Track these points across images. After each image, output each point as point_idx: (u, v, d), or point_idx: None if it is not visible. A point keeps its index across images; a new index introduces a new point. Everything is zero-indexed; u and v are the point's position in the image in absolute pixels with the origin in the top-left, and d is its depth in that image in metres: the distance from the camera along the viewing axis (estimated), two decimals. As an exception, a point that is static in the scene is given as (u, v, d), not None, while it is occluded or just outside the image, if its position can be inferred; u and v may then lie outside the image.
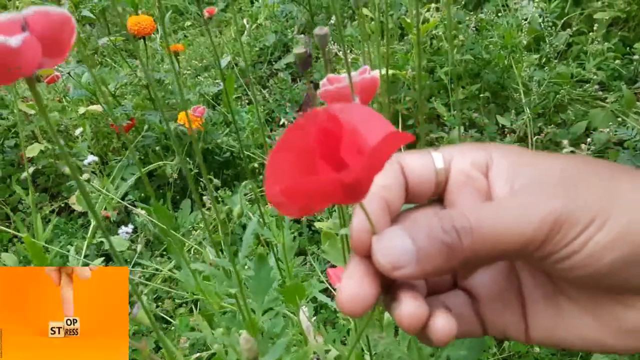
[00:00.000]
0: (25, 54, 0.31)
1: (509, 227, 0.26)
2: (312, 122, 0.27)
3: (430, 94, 1.59)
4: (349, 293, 0.28)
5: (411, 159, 0.33)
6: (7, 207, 1.65)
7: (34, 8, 0.33)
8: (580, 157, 0.31)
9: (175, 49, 1.59)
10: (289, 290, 0.58)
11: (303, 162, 0.27)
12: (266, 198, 0.27)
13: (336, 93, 0.45)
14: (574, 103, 1.57)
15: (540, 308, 0.30)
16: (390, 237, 0.28)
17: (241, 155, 1.55)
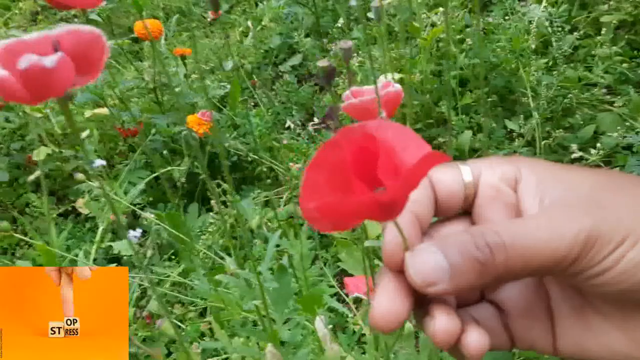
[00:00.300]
0: (60, 74, 0.31)
1: (542, 244, 0.27)
2: (347, 139, 0.27)
3: (437, 98, 1.59)
4: (382, 309, 0.28)
5: (440, 173, 0.33)
6: (14, 210, 1.65)
7: (66, 27, 0.33)
8: (608, 172, 0.31)
9: (182, 52, 1.59)
10: (307, 300, 0.58)
11: (338, 179, 0.27)
12: (301, 214, 0.28)
13: (361, 107, 0.45)
14: (581, 107, 1.56)
15: (569, 321, 0.31)
16: (424, 253, 0.28)
17: (248, 158, 1.55)
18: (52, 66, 0.30)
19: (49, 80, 0.31)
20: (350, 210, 0.26)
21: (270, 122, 1.65)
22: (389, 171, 0.27)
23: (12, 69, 0.31)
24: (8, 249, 1.50)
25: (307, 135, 1.86)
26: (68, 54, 0.32)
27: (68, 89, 0.32)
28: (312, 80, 2.20)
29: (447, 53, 1.55)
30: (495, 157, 0.34)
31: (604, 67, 1.57)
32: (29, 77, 0.30)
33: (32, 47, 0.33)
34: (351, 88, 0.46)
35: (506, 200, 0.32)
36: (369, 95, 0.46)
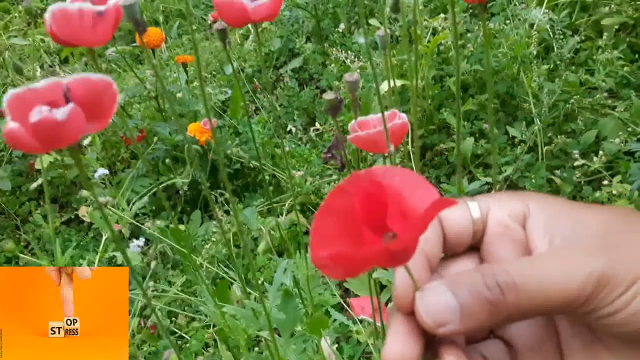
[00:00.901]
0: (70, 125, 0.31)
1: (554, 284, 0.27)
2: (355, 186, 0.28)
3: (439, 104, 1.59)
4: (395, 354, 0.28)
5: (449, 209, 0.33)
6: (17, 218, 1.65)
7: (76, 75, 0.33)
8: (618, 210, 0.31)
9: (184, 59, 1.58)
10: (314, 323, 0.59)
11: (347, 227, 0.28)
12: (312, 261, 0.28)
13: (367, 138, 0.45)
14: (583, 111, 1.56)
15: (579, 357, 0.31)
16: (434, 293, 0.28)
17: (251, 165, 1.55)
18: (63, 119, 0.30)
19: (60, 132, 0.31)
20: (362, 259, 0.26)
21: (272, 130, 1.65)
22: (398, 218, 0.28)
23: (22, 120, 0.31)
24: (12, 258, 1.51)
25: (309, 140, 1.86)
26: (78, 102, 0.32)
27: (78, 137, 0.33)
28: (313, 84, 2.19)
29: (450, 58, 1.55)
30: (503, 193, 0.35)
31: (606, 71, 1.57)
32: (40, 129, 0.31)
33: (43, 95, 0.33)
34: (358, 119, 0.46)
35: (515, 237, 0.32)
36: (374, 125, 0.46)
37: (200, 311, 1.20)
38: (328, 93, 0.44)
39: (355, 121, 0.46)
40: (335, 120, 0.44)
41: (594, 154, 1.39)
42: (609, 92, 1.62)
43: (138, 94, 1.66)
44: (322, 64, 2.20)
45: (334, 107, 0.44)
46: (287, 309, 0.53)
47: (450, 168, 1.54)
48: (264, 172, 1.50)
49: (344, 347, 1.16)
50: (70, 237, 1.51)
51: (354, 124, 0.46)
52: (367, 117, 0.47)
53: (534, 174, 1.37)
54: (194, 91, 1.69)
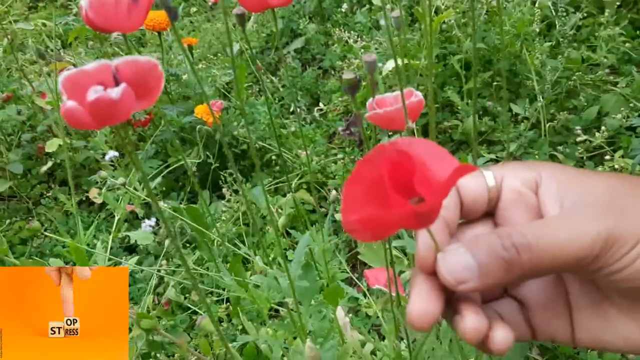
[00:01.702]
0: (123, 104, 0.34)
1: (565, 244, 0.29)
2: (381, 156, 0.30)
3: (443, 82, 1.60)
4: (419, 309, 0.31)
5: (465, 178, 0.35)
6: (29, 201, 1.68)
7: (124, 58, 0.35)
8: (625, 177, 0.34)
9: (189, 42, 1.60)
10: (330, 293, 0.62)
11: (375, 193, 0.30)
12: (342, 225, 0.30)
13: (385, 116, 0.47)
14: (585, 88, 1.58)
15: (587, 314, 0.33)
16: (454, 254, 0.30)
17: (257, 146, 1.57)
18: (117, 97, 0.33)
19: (114, 109, 0.34)
20: (391, 221, 0.29)
21: (277, 110, 1.67)
22: (423, 184, 0.30)
23: (79, 99, 0.34)
24: (26, 240, 1.54)
25: (313, 120, 1.88)
26: (127, 83, 0.35)
27: (129, 115, 0.35)
28: (316, 64, 2.21)
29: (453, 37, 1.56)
30: (517, 163, 0.37)
31: (607, 47, 1.59)
32: (96, 107, 0.33)
33: (93, 77, 0.35)
34: (376, 97, 0.49)
35: (528, 203, 0.34)
36: (391, 103, 0.48)
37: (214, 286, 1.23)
38: (347, 72, 0.46)
39: (373, 99, 0.49)
40: (355, 99, 0.47)
41: (596, 129, 1.42)
42: (611, 68, 1.64)
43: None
44: (325, 44, 2.21)
45: (353, 86, 0.46)
46: (307, 278, 0.56)
47: (454, 146, 1.56)
48: (270, 151, 1.52)
49: (353, 320, 1.20)
50: (82, 218, 1.54)
51: (371, 102, 0.49)
52: (383, 95, 0.50)
53: (537, 150, 1.39)
54: (198, 73, 1.70)
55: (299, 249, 0.59)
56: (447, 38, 1.65)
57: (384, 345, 0.71)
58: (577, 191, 0.32)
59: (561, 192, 0.33)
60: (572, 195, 0.32)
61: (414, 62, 1.53)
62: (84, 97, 0.33)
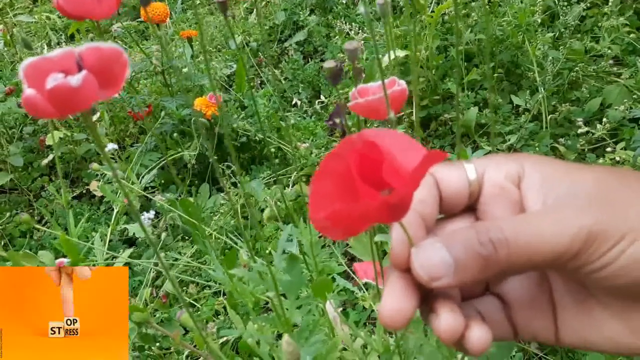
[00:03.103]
0: (84, 91, 0.33)
1: (544, 240, 0.28)
2: (348, 149, 0.29)
3: (443, 74, 1.59)
4: (391, 308, 0.30)
5: (445, 171, 0.34)
6: (30, 193, 1.69)
7: (87, 44, 0.35)
8: (612, 170, 0.32)
9: (189, 34, 1.59)
10: (318, 287, 0.61)
11: (343, 188, 0.29)
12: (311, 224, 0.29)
13: (367, 106, 0.46)
14: (588, 79, 1.56)
15: (571, 313, 0.32)
16: (429, 249, 0.29)
17: (257, 138, 1.57)
18: (77, 85, 0.32)
19: (75, 97, 0.33)
20: (360, 215, 0.28)
21: (277, 103, 1.66)
22: (392, 175, 0.29)
23: (38, 87, 0.33)
24: (26, 232, 1.54)
25: (314, 113, 1.87)
26: (91, 70, 0.34)
27: (92, 103, 0.35)
28: (318, 57, 2.19)
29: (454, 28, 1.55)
30: (500, 155, 0.35)
31: (611, 38, 1.56)
32: (56, 95, 0.33)
33: (57, 64, 0.35)
34: (359, 86, 0.48)
35: (510, 198, 0.33)
36: (374, 93, 0.47)
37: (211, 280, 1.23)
38: (328, 62, 0.45)
39: (356, 89, 0.48)
40: (337, 88, 0.46)
41: (598, 122, 1.40)
42: (615, 59, 1.62)
43: (144, 69, 1.67)
44: (327, 36, 2.20)
45: (335, 75, 0.46)
46: (292, 272, 0.56)
47: (455, 138, 1.55)
48: (269, 144, 1.52)
49: (350, 313, 1.19)
50: (82, 211, 1.55)
51: (354, 92, 0.48)
52: (367, 84, 0.49)
53: (538, 142, 1.38)
54: (199, 66, 1.70)
55: (281, 241, 0.58)
56: (448, 29, 1.64)
57: (373, 339, 0.71)
58: (562, 185, 0.31)
59: (545, 186, 0.32)
60: (556, 189, 0.31)
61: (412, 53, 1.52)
62: (45, 85, 0.33)
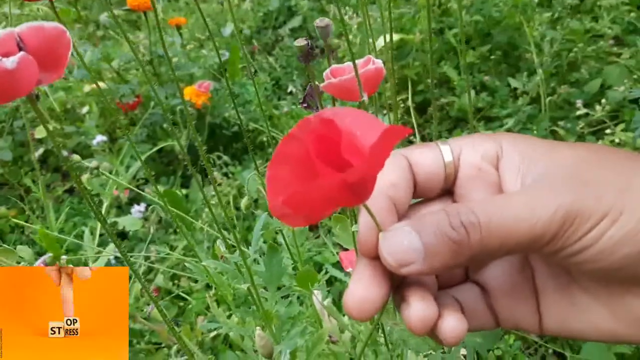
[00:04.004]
0: (22, 74, 0.30)
1: (518, 222, 0.26)
2: (306, 130, 0.26)
3: (439, 57, 1.55)
4: (356, 298, 0.28)
5: (419, 153, 0.32)
6: (20, 188, 1.66)
7: (28, 24, 0.32)
8: (594, 147, 0.30)
9: (177, 22, 1.56)
10: (302, 277, 0.58)
11: (302, 171, 0.27)
12: (270, 211, 0.27)
13: (340, 85, 0.44)
14: (587, 60, 1.53)
15: (554, 299, 0.30)
16: (397, 234, 0.27)
17: (248, 128, 1.54)
18: (13, 67, 0.29)
19: (12, 81, 0.30)
20: (320, 196, 0.25)
21: (269, 91, 1.63)
22: (353, 153, 0.27)
23: (-26, 71, 0.30)
24: (16, 228, 1.52)
25: (309, 100, 1.84)
26: (32, 52, 0.31)
27: (34, 87, 0.32)
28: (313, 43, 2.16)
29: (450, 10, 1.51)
30: (477, 135, 0.33)
31: (610, 17, 1.52)
32: (-9, 79, 0.30)
33: (-4, 46, 0.32)
34: (331, 67, 0.45)
35: (488, 179, 0.31)
36: (349, 72, 0.44)
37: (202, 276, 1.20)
38: (299, 40, 0.42)
39: (329, 69, 0.45)
40: (309, 67, 0.43)
41: (598, 103, 1.37)
42: (615, 39, 1.58)
43: (133, 59, 1.64)
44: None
45: (305, 54, 0.43)
46: (271, 262, 0.53)
47: (451, 123, 1.52)
48: (262, 133, 1.49)
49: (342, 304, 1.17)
50: (73, 206, 1.52)
51: (327, 72, 0.45)
52: (342, 64, 0.46)
53: (536, 126, 1.35)
54: (189, 54, 1.67)
55: (256, 229, 0.55)
56: (444, 11, 1.60)
57: (360, 330, 0.68)
58: (541, 164, 0.29)
59: (523, 166, 0.30)
60: (535, 169, 0.29)
61: (408, 37, 1.48)
62: (-22, 69, 0.30)
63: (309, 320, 0.64)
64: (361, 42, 1.72)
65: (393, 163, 0.31)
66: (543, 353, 1.05)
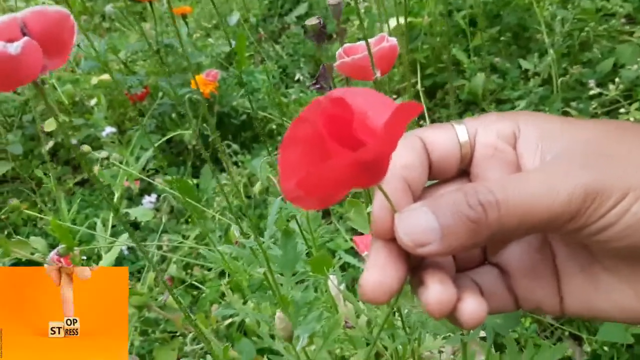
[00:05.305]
0: (27, 60, 0.29)
1: (537, 200, 0.25)
2: (316, 111, 0.26)
3: (448, 40, 1.53)
4: (372, 281, 0.27)
5: (433, 133, 0.31)
6: (31, 182, 1.67)
7: (31, 9, 0.31)
8: (614, 123, 0.29)
9: (182, 11, 1.55)
10: (317, 262, 0.58)
11: (314, 153, 0.26)
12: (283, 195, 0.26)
13: (354, 65, 0.43)
14: (599, 40, 1.50)
15: (576, 280, 0.29)
16: (413, 214, 0.27)
17: (258, 116, 1.53)
18: (17, 53, 0.29)
19: (17, 67, 0.30)
20: (333, 177, 0.25)
21: (277, 78, 1.62)
22: (365, 132, 0.26)
23: (-22, 58, 0.30)
24: (28, 221, 1.53)
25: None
26: (36, 37, 0.31)
27: (39, 73, 0.31)
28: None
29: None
30: (493, 114, 0.32)
31: (623, -5, 1.49)
32: (-5, 65, 0.29)
33: (1, 32, 0.31)
34: (344, 46, 0.44)
35: (505, 159, 0.30)
36: (362, 51, 0.43)
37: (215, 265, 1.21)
38: (310, 19, 0.41)
39: (342, 48, 0.44)
40: (321, 47, 0.42)
41: (611, 83, 1.34)
42: (627, 17, 1.55)
43: (140, 50, 1.63)
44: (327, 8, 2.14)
45: (318, 33, 0.42)
46: (286, 247, 0.53)
47: (462, 106, 1.50)
48: (271, 121, 1.48)
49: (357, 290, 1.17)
50: (84, 198, 1.53)
51: (340, 51, 0.44)
52: (355, 43, 0.45)
53: (549, 107, 1.33)
54: (195, 43, 1.66)
55: (271, 215, 0.55)
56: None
57: (377, 315, 0.68)
58: (560, 141, 0.28)
59: (542, 144, 0.29)
60: (554, 147, 0.28)
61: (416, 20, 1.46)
62: (-18, 55, 0.29)
63: (325, 305, 0.64)
64: (368, 27, 1.70)
65: (407, 144, 0.31)
66: (559, 335, 1.04)
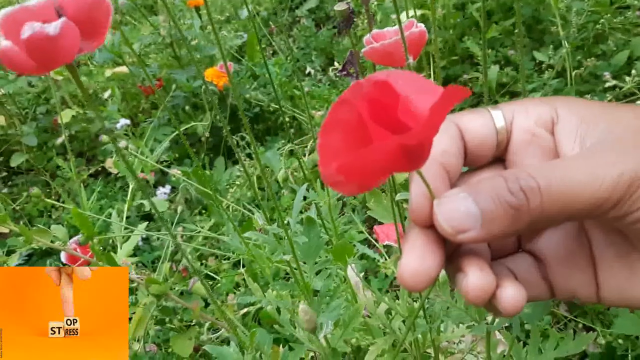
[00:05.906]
0: (64, 41, 0.30)
1: (581, 187, 0.25)
2: (358, 94, 0.26)
3: (462, 33, 1.53)
4: (411, 268, 0.27)
5: (469, 119, 0.31)
6: (46, 173, 1.68)
7: (67, -10, 0.31)
8: None
9: (196, 3, 1.55)
10: (338, 250, 0.58)
11: (355, 137, 0.26)
12: (322, 180, 0.26)
13: (383, 51, 0.43)
14: (614, 32, 1.49)
15: (613, 268, 0.29)
16: (453, 200, 0.26)
17: (270, 109, 1.53)
18: (55, 33, 0.29)
19: (54, 48, 0.30)
20: (374, 162, 0.25)
21: (289, 71, 1.62)
22: (409, 116, 0.26)
23: (15, 39, 0.30)
24: (44, 212, 1.54)
25: (328, 81, 1.83)
26: (72, 19, 0.31)
27: (76, 55, 0.31)
28: (331, 24, 2.14)
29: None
30: (529, 99, 0.32)
31: (638, -13, 1.48)
32: (33, 46, 0.30)
33: (36, 14, 0.32)
34: (372, 31, 0.44)
35: (543, 145, 0.30)
36: (390, 37, 0.43)
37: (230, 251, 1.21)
38: (339, 4, 0.41)
39: (370, 34, 0.44)
40: (349, 33, 0.42)
41: (626, 75, 1.33)
42: (642, 9, 1.54)
43: (153, 42, 1.64)
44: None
45: (346, 19, 0.42)
46: (310, 235, 0.53)
47: (475, 99, 1.50)
48: (284, 113, 1.48)
49: (372, 281, 1.17)
50: (99, 189, 1.54)
51: (368, 37, 0.44)
52: (383, 29, 0.45)
53: (563, 100, 1.32)
54: (208, 36, 1.66)
55: (297, 201, 0.55)
56: (465, -15, 1.57)
57: (397, 304, 0.68)
58: (599, 127, 0.28)
59: (582, 129, 0.29)
60: (594, 132, 0.28)
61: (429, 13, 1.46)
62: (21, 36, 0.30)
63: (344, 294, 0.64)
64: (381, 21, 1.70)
65: (443, 130, 0.30)
66: (573, 328, 1.04)
